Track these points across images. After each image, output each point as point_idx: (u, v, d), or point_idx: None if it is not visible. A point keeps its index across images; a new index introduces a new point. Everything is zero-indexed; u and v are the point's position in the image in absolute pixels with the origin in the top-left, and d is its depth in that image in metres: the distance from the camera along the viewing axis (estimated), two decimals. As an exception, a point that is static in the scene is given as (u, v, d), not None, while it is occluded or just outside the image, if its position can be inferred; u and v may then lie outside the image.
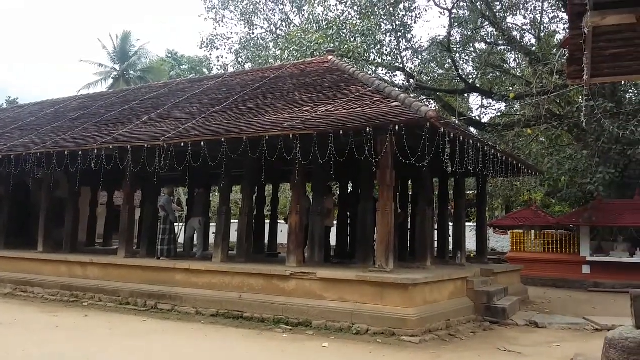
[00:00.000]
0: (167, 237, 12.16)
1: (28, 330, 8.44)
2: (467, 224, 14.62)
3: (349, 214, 14.00)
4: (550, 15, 21.42)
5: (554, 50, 18.39)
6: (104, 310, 10.46)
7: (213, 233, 13.90)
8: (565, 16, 19.98)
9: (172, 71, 41.06)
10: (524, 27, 21.62)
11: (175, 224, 13.77)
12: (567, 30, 4.93)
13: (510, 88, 20.44)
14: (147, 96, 15.77)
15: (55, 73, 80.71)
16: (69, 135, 13.23)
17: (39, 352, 6.99)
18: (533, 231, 18.17)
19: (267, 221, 17.24)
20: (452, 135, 8.96)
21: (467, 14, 21.56)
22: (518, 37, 20.88)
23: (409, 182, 14.62)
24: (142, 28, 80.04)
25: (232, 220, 12.46)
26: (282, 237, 14.03)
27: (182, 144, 10.35)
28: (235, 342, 7.87)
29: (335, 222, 14.66)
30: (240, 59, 25.43)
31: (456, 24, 21.82)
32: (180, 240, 18.52)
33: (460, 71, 21.56)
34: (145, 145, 10.84)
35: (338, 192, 16.34)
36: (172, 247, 12.34)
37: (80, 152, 11.79)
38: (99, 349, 7.21)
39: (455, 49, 21.94)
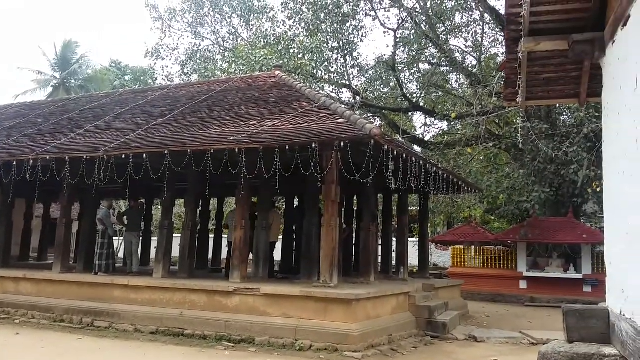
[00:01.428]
0: (105, 251, 11.77)
1: (-49, 350, 7.95)
2: (410, 239, 14.88)
3: (294, 228, 13.98)
4: (491, 39, 22.30)
5: (494, 73, 19.12)
6: (37, 328, 9.98)
7: (155, 248, 13.56)
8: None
9: (116, 81, 40.01)
10: (466, 50, 22.42)
11: (115, 238, 13.34)
12: (505, 54, 5.15)
13: (452, 108, 21.03)
14: (88, 106, 15.32)
15: (-11, 79, 77.04)
16: (3, 144, 12.66)
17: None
18: (473, 247, 18.68)
19: (211, 235, 16.98)
20: (395, 153, 9.14)
21: (411, 35, 22.13)
22: (460, 59, 21.59)
23: (354, 198, 14.77)
24: (86, 37, 77.78)
25: (174, 235, 12.18)
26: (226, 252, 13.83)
27: (123, 156, 10.10)
28: (175, 359, 7.67)
29: (280, 237, 14.61)
30: (186, 70, 25.12)
31: (401, 44, 22.36)
32: (121, 254, 17.95)
33: (404, 90, 22.04)
34: (84, 157, 10.51)
35: (284, 206, 16.32)
36: (110, 262, 11.94)
37: (14, 163, 11.32)
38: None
39: (400, 68, 22.44)
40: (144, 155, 9.86)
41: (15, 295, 11.43)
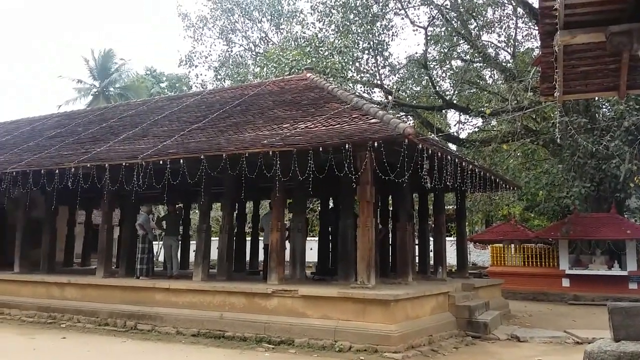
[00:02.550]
0: (146, 256, 12.03)
1: (4, 354, 8.23)
2: (447, 238, 14.71)
3: (330, 230, 14.00)
4: (524, 33, 21.90)
5: (529, 67, 18.76)
6: (82, 332, 10.26)
7: (194, 251, 13.79)
8: (539, 33, 20.47)
9: (153, 88, 40.88)
10: (499, 45, 22.05)
11: (154, 243, 13.62)
12: (540, 48, 5.05)
13: (487, 104, 20.72)
14: (126, 114, 15.68)
15: (32, 89, 79.70)
16: (46, 153, 13.06)
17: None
18: (513, 245, 18.35)
19: (248, 238, 17.15)
20: (430, 151, 9.05)
21: (442, 32, 21.91)
22: (493, 54, 21.26)
23: (389, 198, 14.70)
24: (123, 46, 79.70)
25: (212, 238, 12.36)
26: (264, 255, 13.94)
27: (161, 162, 10.29)
28: (217, 362, 7.78)
29: (316, 239, 14.67)
30: (219, 76, 25.47)
31: (432, 42, 22.16)
32: (160, 258, 18.32)
33: (437, 88, 21.84)
34: (123, 164, 10.75)
35: (319, 208, 16.36)
36: (150, 266, 12.21)
37: (57, 171, 11.65)
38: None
39: (431, 66, 22.24)
40: (181, 161, 10.03)
41: (61, 300, 11.76)
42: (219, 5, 25.75)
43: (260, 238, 16.79)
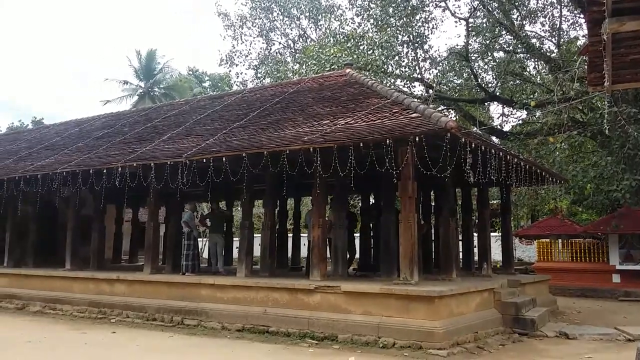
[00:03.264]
0: (191, 252, 12.27)
1: (57, 348, 8.56)
2: (492, 234, 14.44)
3: (371, 226, 13.95)
4: (570, 22, 21.24)
5: (575, 57, 18.18)
6: (131, 327, 10.56)
7: (236, 248, 13.98)
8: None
9: (196, 88, 41.57)
10: (543, 34, 21.45)
11: (199, 240, 13.88)
12: (587, 37, 4.88)
13: (531, 96, 20.21)
14: (169, 113, 16.00)
15: (79, 91, 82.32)
16: (94, 154, 13.46)
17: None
18: (560, 240, 17.88)
19: (290, 235, 17.26)
20: (473, 145, 8.90)
21: (484, 23, 21.48)
22: (537, 45, 20.70)
23: (431, 193, 14.53)
24: (165, 45, 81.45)
25: (255, 235, 12.50)
26: (305, 251, 14.02)
27: (204, 160, 10.46)
28: (263, 357, 7.86)
29: (357, 235, 14.64)
30: (259, 74, 25.68)
31: (473, 33, 21.74)
32: (205, 255, 18.64)
33: (479, 80, 21.43)
34: (168, 162, 10.98)
35: (359, 204, 16.32)
36: (196, 263, 12.45)
37: (104, 171, 11.98)
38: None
39: (473, 58, 21.83)
40: (223, 159, 10.18)
41: (110, 295, 12.13)
42: (258, 4, 25.94)
43: (303, 235, 16.89)
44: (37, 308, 12.81)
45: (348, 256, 11.94)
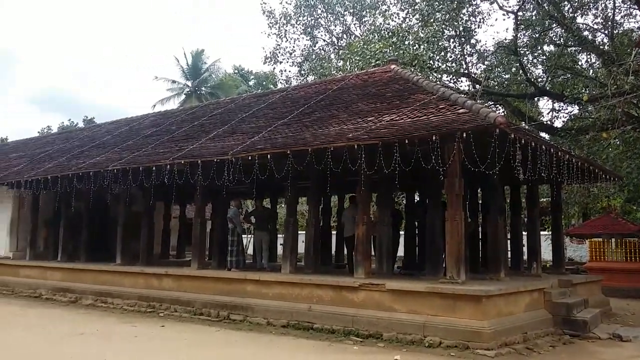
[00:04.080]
0: (235, 248, 12.43)
1: (109, 340, 8.82)
2: (541, 233, 14.03)
3: (416, 223, 13.78)
4: (623, 13, 20.38)
5: (629, 50, 17.45)
6: (179, 321, 10.77)
7: (280, 244, 14.09)
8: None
9: (241, 87, 42.09)
10: (596, 27, 20.68)
11: (244, 236, 14.05)
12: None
13: (583, 90, 19.52)
14: (215, 112, 16.24)
15: (129, 90, 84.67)
16: (143, 152, 13.79)
17: (121, 359, 7.29)
18: (613, 239, 17.25)
19: (334, 232, 17.25)
20: (523, 141, 8.66)
21: (533, 16, 20.87)
22: (589, 37, 19.98)
23: (479, 191, 14.25)
24: (211, 45, 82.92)
25: (299, 232, 12.56)
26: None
27: (249, 158, 10.55)
28: (308, 354, 7.89)
29: (402, 233, 14.50)
30: (302, 72, 25.75)
31: (522, 27, 21.16)
32: (249, 251, 18.85)
33: (528, 75, 20.85)
34: (214, 160, 11.15)
35: (404, 201, 16.16)
36: (241, 259, 12.61)
37: (153, 168, 12.26)
38: (178, 359, 7.43)
39: (522, 52, 21.24)
40: (268, 156, 10.26)
41: (159, 290, 12.41)
42: (302, 2, 26.01)
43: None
44: (89, 301, 13.24)
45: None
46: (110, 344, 8.42)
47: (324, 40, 27.23)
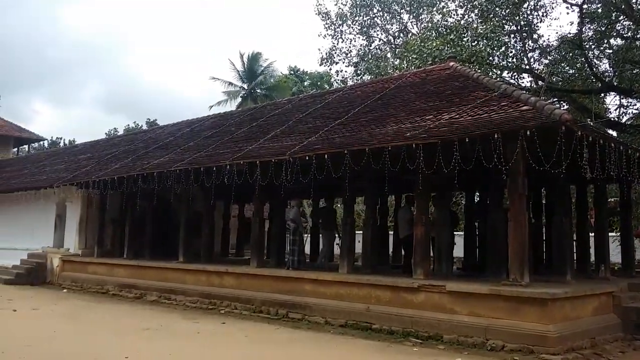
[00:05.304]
0: (297, 248, 12.53)
1: (173, 335, 9.10)
2: (610, 234, 13.42)
3: (476, 224, 13.49)
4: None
5: None
6: (239, 318, 10.99)
7: (337, 244, 14.13)
8: None
9: (294, 87, 42.42)
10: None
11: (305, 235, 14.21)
12: None
13: (654, 85, 18.56)
14: (273, 113, 16.44)
15: (186, 91, 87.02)
16: (204, 152, 14.14)
17: (184, 355, 7.50)
18: (687, 241, 16.30)
19: (391, 232, 17.13)
20: (590, 139, 8.33)
21: (599, 8, 20.02)
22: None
23: (542, 190, 13.80)
24: (268, 47, 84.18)
25: (356, 232, 12.54)
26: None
27: (307, 158, 10.61)
28: (368, 354, 7.87)
29: (461, 233, 14.22)
30: (359, 71, 25.65)
31: (587, 20, 20.32)
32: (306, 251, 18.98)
33: (594, 69, 20.01)
34: (273, 160, 11.29)
35: (463, 201, 15.86)
36: (301, 258, 12.73)
37: (214, 168, 12.53)
38: (239, 356, 7.58)
39: (587, 46, 20.41)
40: (325, 156, 10.29)
41: (220, 287, 12.69)
42: (358, 2, 25.93)
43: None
44: (154, 298, 13.70)
45: None
46: (175, 340, 8.68)
47: (380, 40, 27.04)
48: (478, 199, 14.94)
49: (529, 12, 20.36)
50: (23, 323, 10.19)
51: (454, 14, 21.42)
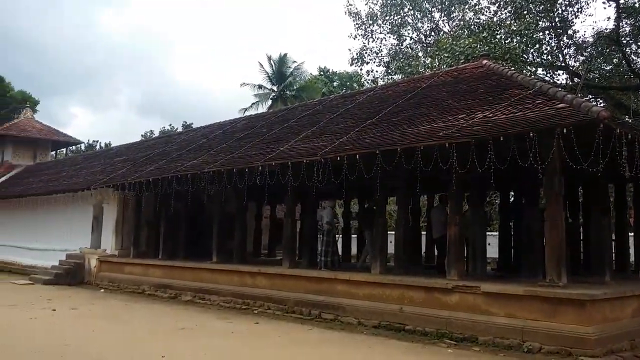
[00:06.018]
0: (330, 249, 12.55)
1: (208, 335, 9.23)
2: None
3: (511, 224, 13.28)
4: None
5: None
6: (272, 318, 11.07)
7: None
8: None
9: (324, 88, 42.50)
10: None
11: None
12: None
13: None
14: (304, 114, 16.48)
15: (219, 94, 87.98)
16: (237, 154, 14.27)
17: (219, 355, 7.58)
18: None
19: (423, 232, 17.00)
20: (629, 136, 8.11)
21: (636, 3, 19.48)
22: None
23: (579, 189, 13.50)
24: (295, 48, 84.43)
25: (388, 232, 12.49)
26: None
27: (338, 158, 10.60)
28: (402, 355, 7.84)
29: (495, 234, 14.01)
30: (390, 71, 25.53)
31: (624, 15, 19.80)
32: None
33: (632, 66, 19.49)
34: (304, 161, 11.31)
35: (497, 201, 15.63)
36: (335, 259, 12.76)
37: (247, 170, 12.63)
38: (274, 356, 7.64)
39: (625, 41, 19.89)
40: (357, 156, 10.24)
41: (252, 288, 12.79)
42: (389, 1, 25.83)
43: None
44: (188, 298, 13.89)
45: None
46: (210, 339, 8.80)
47: (411, 39, 26.88)
48: (513, 198, 14.70)
49: (563, 8, 19.99)
50: (62, 322, 10.46)
51: (486, 11, 21.19)
